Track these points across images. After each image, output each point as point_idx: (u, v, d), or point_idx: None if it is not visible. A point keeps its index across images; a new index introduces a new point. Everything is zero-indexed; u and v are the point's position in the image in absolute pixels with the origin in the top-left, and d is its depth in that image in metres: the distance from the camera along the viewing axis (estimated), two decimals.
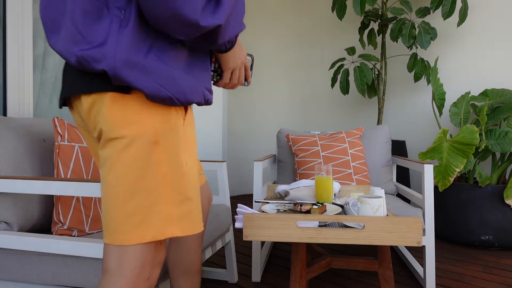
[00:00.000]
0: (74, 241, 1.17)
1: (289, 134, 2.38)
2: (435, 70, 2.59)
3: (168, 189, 0.79)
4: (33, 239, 1.20)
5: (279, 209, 1.34)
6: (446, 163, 2.25)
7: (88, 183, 1.14)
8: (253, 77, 4.06)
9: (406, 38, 2.73)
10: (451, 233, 2.54)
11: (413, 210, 1.84)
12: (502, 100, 2.63)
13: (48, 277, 1.24)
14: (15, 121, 1.41)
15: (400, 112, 3.35)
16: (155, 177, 0.78)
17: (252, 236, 1.11)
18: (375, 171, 2.27)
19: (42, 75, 1.83)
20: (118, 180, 0.77)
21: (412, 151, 3.25)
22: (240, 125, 4.14)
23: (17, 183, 1.21)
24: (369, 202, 1.19)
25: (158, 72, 0.76)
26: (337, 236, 1.09)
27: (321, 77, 3.73)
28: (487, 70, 2.97)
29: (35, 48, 1.77)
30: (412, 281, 1.94)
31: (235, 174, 4.13)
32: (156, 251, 0.82)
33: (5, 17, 1.59)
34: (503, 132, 2.44)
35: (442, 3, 2.69)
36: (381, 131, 2.38)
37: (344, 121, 3.63)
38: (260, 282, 1.92)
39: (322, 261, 1.46)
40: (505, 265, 2.18)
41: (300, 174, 2.22)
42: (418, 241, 1.07)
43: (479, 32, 3.00)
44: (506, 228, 2.38)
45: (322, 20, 3.71)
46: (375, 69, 3.07)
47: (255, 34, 4.03)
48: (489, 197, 2.39)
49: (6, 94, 1.61)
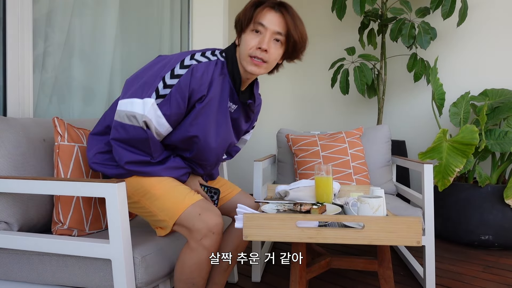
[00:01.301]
0: (74, 241, 1.18)
1: (289, 134, 2.38)
2: (435, 70, 2.59)
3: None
4: (33, 239, 1.20)
5: (279, 209, 1.34)
6: (446, 163, 2.25)
7: (88, 183, 1.14)
8: None
9: (406, 38, 2.73)
10: (451, 233, 2.54)
11: (413, 210, 1.84)
12: (502, 100, 2.63)
13: (48, 277, 1.24)
14: (16, 121, 1.41)
15: (400, 112, 3.35)
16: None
17: (252, 236, 1.11)
18: (375, 171, 2.27)
19: (42, 75, 1.83)
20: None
21: (412, 151, 3.25)
22: None
23: (17, 183, 1.21)
24: (369, 202, 1.19)
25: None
26: (337, 236, 1.09)
27: (321, 77, 3.73)
28: (487, 70, 2.97)
29: (35, 48, 1.77)
30: (412, 281, 1.94)
31: (235, 174, 4.13)
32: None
33: (5, 17, 1.59)
34: (503, 132, 2.44)
35: (442, 3, 2.69)
36: (381, 131, 2.38)
37: (344, 121, 3.63)
38: (260, 282, 1.92)
39: (322, 261, 1.46)
40: (505, 265, 2.18)
41: (300, 174, 2.22)
42: (418, 241, 1.07)
43: (479, 32, 3.00)
44: (506, 228, 2.38)
45: (321, 20, 3.71)
46: (375, 69, 3.07)
47: None
48: (489, 197, 2.39)
49: (6, 94, 1.61)
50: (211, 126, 1.33)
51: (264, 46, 1.26)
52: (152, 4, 2.65)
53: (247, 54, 1.28)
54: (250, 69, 1.30)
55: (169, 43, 2.81)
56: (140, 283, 1.17)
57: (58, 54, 1.92)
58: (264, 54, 1.28)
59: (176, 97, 1.22)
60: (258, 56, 1.28)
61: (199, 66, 1.25)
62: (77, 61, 2.03)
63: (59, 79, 1.93)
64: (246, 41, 1.28)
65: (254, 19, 1.27)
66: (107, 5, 2.21)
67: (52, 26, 1.88)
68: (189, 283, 1.23)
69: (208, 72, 1.27)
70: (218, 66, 1.31)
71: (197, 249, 1.19)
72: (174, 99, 1.22)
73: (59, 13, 1.91)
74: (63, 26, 1.94)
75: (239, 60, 1.33)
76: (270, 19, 1.27)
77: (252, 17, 1.27)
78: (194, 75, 1.23)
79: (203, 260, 1.21)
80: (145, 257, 1.19)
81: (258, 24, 1.27)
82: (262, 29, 1.27)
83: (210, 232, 1.19)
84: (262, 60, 1.29)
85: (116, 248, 1.11)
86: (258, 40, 1.27)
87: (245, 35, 1.30)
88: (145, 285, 1.18)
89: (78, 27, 2.02)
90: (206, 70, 1.26)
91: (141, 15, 2.55)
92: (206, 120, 1.30)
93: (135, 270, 1.17)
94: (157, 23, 2.70)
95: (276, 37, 1.29)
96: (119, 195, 1.10)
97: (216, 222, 1.21)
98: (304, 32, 1.35)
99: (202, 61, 1.27)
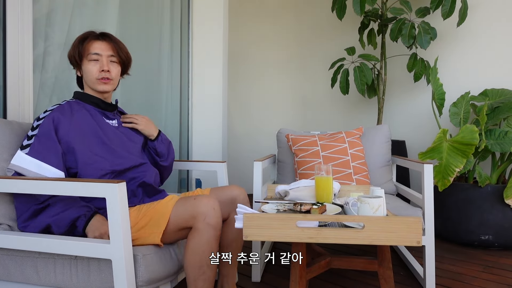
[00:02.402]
0: (75, 241, 1.17)
1: (289, 134, 2.38)
2: (435, 70, 2.59)
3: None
4: (33, 239, 1.20)
5: (279, 209, 1.34)
6: (446, 163, 2.25)
7: (88, 183, 1.14)
8: (253, 77, 4.06)
9: (406, 38, 2.73)
10: (451, 233, 2.54)
11: (413, 210, 1.84)
12: (502, 100, 2.63)
13: (48, 278, 1.24)
14: (18, 126, 1.43)
15: (400, 112, 3.35)
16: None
17: (252, 236, 1.11)
18: (375, 171, 2.27)
19: (42, 75, 1.83)
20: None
21: (412, 151, 3.25)
22: (240, 125, 4.14)
23: (17, 183, 1.21)
24: (369, 202, 1.19)
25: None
26: (337, 236, 1.09)
27: (321, 77, 3.73)
28: (487, 70, 2.97)
29: (35, 48, 1.77)
30: (412, 281, 1.94)
31: (235, 174, 4.13)
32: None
33: (5, 17, 1.59)
34: (503, 132, 2.44)
35: (442, 3, 2.69)
36: (381, 131, 2.38)
37: (344, 121, 3.63)
38: (260, 282, 1.92)
39: (322, 261, 1.46)
40: (504, 264, 2.18)
41: (300, 174, 2.22)
42: (418, 241, 1.07)
43: (479, 32, 3.00)
44: (506, 228, 2.38)
45: (322, 20, 3.71)
46: (375, 69, 3.07)
47: (255, 33, 4.03)
48: (489, 197, 2.39)
49: (6, 94, 1.61)
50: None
51: (106, 67, 1.47)
52: (152, 4, 2.65)
53: (95, 77, 1.46)
54: (102, 88, 1.49)
55: (169, 43, 2.81)
56: (141, 281, 1.17)
57: (58, 54, 1.92)
58: (108, 74, 1.48)
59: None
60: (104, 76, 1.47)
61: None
62: None
63: (59, 79, 1.93)
64: (88, 70, 1.46)
65: (86, 51, 1.45)
66: (107, 5, 2.21)
67: (52, 26, 1.88)
68: (204, 265, 1.25)
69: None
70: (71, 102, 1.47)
71: (204, 229, 1.25)
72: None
73: (59, 13, 1.91)
74: (63, 26, 1.94)
75: (90, 87, 1.50)
76: (100, 47, 1.48)
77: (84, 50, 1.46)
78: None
79: (212, 238, 1.26)
80: (145, 256, 1.19)
81: (92, 54, 1.46)
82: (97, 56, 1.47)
83: (211, 209, 1.26)
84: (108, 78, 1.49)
85: (116, 248, 1.11)
86: (98, 66, 1.47)
87: (84, 66, 1.47)
88: (145, 284, 1.18)
89: (78, 27, 2.02)
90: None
91: (141, 15, 2.55)
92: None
93: (136, 270, 1.17)
94: (157, 23, 2.70)
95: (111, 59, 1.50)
96: (119, 195, 1.10)
97: (212, 200, 1.29)
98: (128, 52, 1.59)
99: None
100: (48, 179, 1.21)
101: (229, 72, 3.61)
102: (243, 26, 4.04)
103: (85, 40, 1.46)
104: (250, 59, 4.06)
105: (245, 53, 4.06)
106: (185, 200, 1.31)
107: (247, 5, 4.04)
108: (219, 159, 2.99)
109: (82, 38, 1.47)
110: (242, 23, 4.04)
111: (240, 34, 4.04)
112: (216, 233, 1.27)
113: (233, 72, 4.00)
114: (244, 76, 4.09)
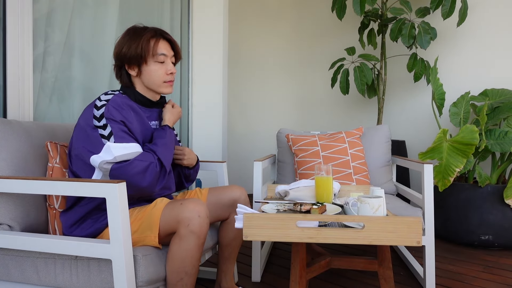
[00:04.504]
0: (75, 241, 1.17)
1: (289, 134, 2.38)
2: (435, 70, 2.59)
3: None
4: (33, 239, 1.20)
5: (279, 209, 1.34)
6: (446, 163, 2.25)
7: (88, 183, 1.14)
8: (253, 77, 4.06)
9: (406, 38, 2.73)
10: (451, 233, 2.54)
11: (413, 210, 1.84)
12: (502, 100, 2.63)
13: (49, 278, 1.24)
14: (18, 125, 1.42)
15: (400, 112, 3.35)
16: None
17: (252, 236, 1.11)
18: (375, 171, 2.27)
19: (42, 75, 1.83)
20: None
21: (412, 151, 3.25)
22: (240, 125, 4.14)
23: (17, 183, 1.21)
24: (369, 202, 1.19)
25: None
26: (337, 236, 1.09)
27: (321, 77, 3.73)
28: (487, 70, 2.97)
29: (35, 48, 1.77)
30: (412, 281, 1.94)
31: (235, 174, 4.13)
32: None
33: (5, 17, 1.59)
34: (503, 132, 2.44)
35: (442, 3, 2.69)
36: (381, 131, 2.38)
37: (344, 121, 3.63)
38: (260, 282, 1.92)
39: (322, 261, 1.46)
40: (504, 264, 2.18)
41: (300, 174, 2.22)
42: (418, 241, 1.07)
43: (479, 32, 3.00)
44: (506, 228, 2.38)
45: (322, 20, 3.71)
46: (375, 69, 3.07)
47: (255, 34, 4.03)
48: (489, 197, 2.39)
49: (6, 94, 1.61)
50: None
51: (173, 70, 1.47)
52: (152, 5, 2.65)
53: (162, 80, 1.44)
54: (168, 90, 1.49)
55: None
56: (141, 281, 1.17)
57: (58, 54, 1.92)
58: (173, 76, 1.49)
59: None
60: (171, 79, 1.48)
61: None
62: (77, 61, 2.03)
63: (59, 79, 1.93)
64: (154, 71, 1.43)
65: (154, 51, 1.42)
66: (107, 5, 2.21)
67: (52, 26, 1.88)
68: (181, 272, 1.23)
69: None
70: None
71: (186, 236, 1.21)
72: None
73: (59, 13, 1.91)
74: (63, 26, 1.94)
75: (148, 88, 1.46)
76: (166, 47, 1.46)
77: (150, 50, 1.41)
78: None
79: (193, 247, 1.22)
80: (145, 257, 1.19)
81: (159, 55, 1.43)
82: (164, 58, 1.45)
83: (196, 215, 1.21)
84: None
85: (116, 248, 1.11)
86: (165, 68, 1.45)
87: (148, 66, 1.43)
88: (145, 284, 1.18)
89: (78, 27, 2.02)
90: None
91: (141, 15, 2.55)
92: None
93: (136, 270, 1.17)
94: (157, 23, 2.70)
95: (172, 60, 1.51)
96: (120, 195, 1.10)
97: (199, 206, 1.24)
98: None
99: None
100: (48, 179, 1.21)
101: (229, 72, 3.61)
102: (243, 26, 4.04)
103: (152, 39, 1.41)
104: (250, 59, 4.06)
105: (245, 53, 4.06)
106: (172, 204, 1.26)
107: (247, 5, 4.04)
108: (219, 159, 2.99)
109: (149, 37, 1.40)
110: (242, 23, 4.04)
111: (240, 34, 4.04)
112: (198, 242, 1.23)
113: (233, 72, 4.00)
114: (244, 76, 4.09)
